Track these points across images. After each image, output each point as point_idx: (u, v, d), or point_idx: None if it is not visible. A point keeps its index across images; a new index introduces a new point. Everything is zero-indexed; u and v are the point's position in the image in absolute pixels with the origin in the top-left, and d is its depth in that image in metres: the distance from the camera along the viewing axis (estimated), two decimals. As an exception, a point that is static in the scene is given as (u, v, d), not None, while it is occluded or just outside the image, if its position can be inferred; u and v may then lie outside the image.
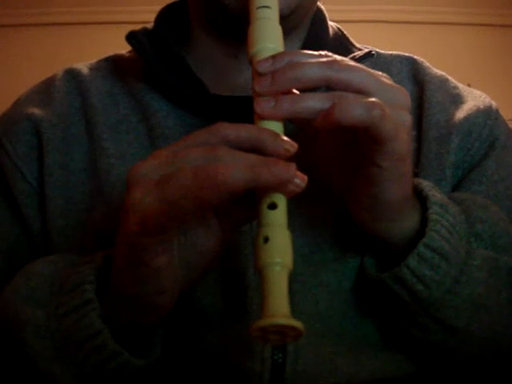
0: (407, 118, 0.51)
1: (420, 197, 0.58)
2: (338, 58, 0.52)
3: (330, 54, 0.52)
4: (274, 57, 0.51)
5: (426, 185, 0.59)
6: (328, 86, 0.50)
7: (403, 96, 0.52)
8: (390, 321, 0.62)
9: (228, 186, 0.44)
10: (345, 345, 0.62)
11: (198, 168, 0.45)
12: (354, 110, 0.47)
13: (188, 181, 0.45)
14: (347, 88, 0.50)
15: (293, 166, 0.45)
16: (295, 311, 0.45)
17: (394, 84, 0.52)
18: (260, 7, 0.56)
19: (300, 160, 0.47)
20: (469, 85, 0.83)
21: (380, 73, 0.52)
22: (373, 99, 0.48)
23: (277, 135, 0.47)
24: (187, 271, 0.51)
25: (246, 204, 0.50)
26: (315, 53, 0.52)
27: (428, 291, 0.56)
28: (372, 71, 0.51)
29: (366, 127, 0.48)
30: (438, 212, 0.56)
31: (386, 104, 0.49)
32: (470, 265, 0.56)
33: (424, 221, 0.56)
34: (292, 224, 0.48)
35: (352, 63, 0.51)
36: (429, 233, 0.55)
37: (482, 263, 0.57)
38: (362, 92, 0.50)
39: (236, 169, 0.44)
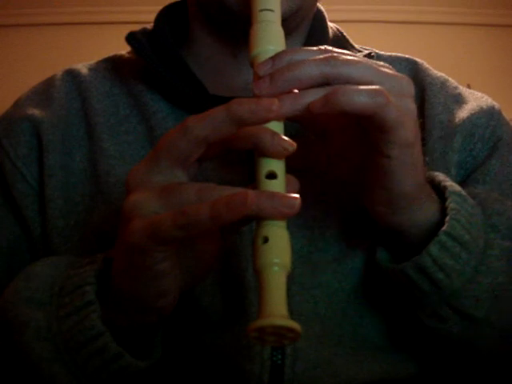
0: (412, 106, 0.50)
1: (437, 189, 0.57)
2: (337, 51, 0.51)
3: (329, 48, 0.52)
4: (273, 58, 0.50)
5: (442, 176, 0.58)
6: (328, 83, 0.50)
7: (407, 84, 0.51)
8: (400, 318, 0.62)
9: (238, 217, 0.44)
10: (344, 346, 0.62)
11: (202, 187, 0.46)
12: (358, 97, 0.47)
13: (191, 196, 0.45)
14: (348, 82, 0.49)
15: (299, 201, 0.45)
16: (294, 313, 0.45)
17: (397, 73, 0.52)
18: (262, 10, 0.55)
19: (301, 160, 0.47)
20: (468, 85, 0.84)
21: (381, 63, 0.52)
22: (377, 87, 0.48)
23: (275, 134, 0.47)
24: (188, 274, 0.51)
25: None
26: (314, 48, 0.51)
27: (449, 280, 0.55)
28: (372, 62, 0.51)
29: (371, 115, 0.48)
30: (458, 201, 0.55)
31: (390, 92, 0.48)
32: (489, 255, 0.56)
33: (443, 211, 0.56)
34: (290, 225, 0.47)
35: (350, 57, 0.50)
36: (450, 222, 0.54)
37: (500, 253, 0.57)
38: (364, 84, 0.49)
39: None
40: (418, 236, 0.56)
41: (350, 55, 0.51)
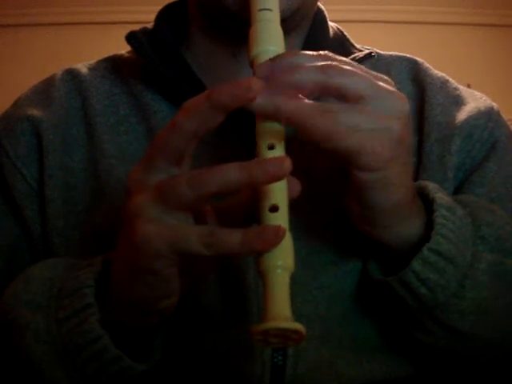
0: (396, 128, 0.49)
1: (426, 199, 0.57)
2: (338, 59, 0.51)
3: (330, 54, 0.51)
4: (272, 60, 0.50)
5: (432, 187, 0.58)
6: (324, 92, 0.50)
7: (399, 103, 0.51)
8: (394, 325, 0.62)
9: (222, 188, 0.45)
10: (345, 347, 0.62)
11: (191, 175, 0.45)
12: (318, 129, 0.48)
13: (184, 188, 0.45)
14: (342, 94, 0.49)
15: (287, 162, 0.44)
16: (296, 314, 0.44)
17: (392, 89, 0.51)
18: (261, 9, 0.55)
19: (299, 163, 0.47)
20: (468, 85, 0.83)
21: (380, 75, 0.51)
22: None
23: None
24: (190, 275, 0.51)
25: (247, 205, 0.50)
26: (315, 53, 0.51)
27: (432, 295, 0.55)
28: (370, 74, 0.50)
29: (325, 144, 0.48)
30: (445, 215, 0.55)
31: (377, 112, 0.49)
32: (475, 268, 0.56)
33: (430, 223, 0.55)
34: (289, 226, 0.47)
35: (349, 67, 0.50)
36: (434, 237, 0.54)
37: (487, 267, 0.56)
38: (356, 99, 0.49)
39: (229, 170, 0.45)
40: (405, 249, 0.56)
41: (349, 64, 0.50)
